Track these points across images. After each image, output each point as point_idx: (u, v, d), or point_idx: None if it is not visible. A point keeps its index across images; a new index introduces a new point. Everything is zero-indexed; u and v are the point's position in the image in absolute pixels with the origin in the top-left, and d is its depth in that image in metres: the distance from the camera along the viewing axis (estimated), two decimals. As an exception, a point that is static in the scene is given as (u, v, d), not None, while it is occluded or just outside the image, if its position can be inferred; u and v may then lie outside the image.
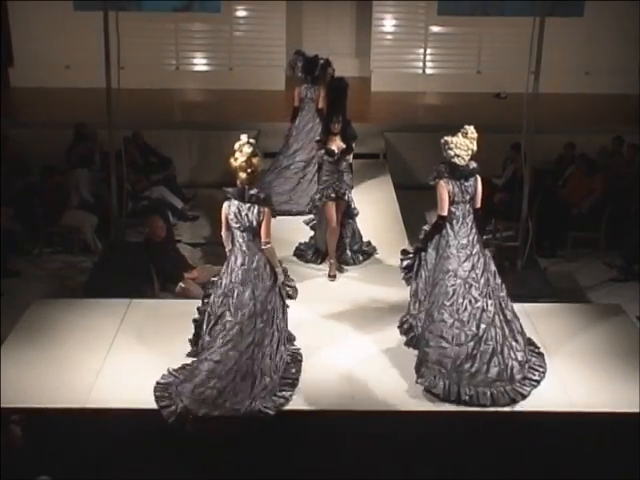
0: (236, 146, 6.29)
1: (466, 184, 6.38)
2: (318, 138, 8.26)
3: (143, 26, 13.19)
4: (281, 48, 13.77)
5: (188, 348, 6.81)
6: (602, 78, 13.55)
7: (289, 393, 6.14)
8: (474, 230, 6.41)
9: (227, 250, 6.36)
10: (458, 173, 6.37)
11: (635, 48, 13.54)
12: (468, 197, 6.38)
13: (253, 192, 6.17)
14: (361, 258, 8.46)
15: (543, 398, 6.27)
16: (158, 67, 13.89)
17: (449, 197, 6.35)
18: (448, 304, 6.26)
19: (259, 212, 6.13)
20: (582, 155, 10.72)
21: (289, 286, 6.45)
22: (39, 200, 9.62)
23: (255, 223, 6.12)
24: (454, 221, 6.39)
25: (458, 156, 6.35)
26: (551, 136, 10.84)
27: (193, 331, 6.53)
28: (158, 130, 11.57)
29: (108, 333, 7.04)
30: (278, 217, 6.49)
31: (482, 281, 6.32)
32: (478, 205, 6.47)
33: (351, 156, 8.24)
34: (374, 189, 10.40)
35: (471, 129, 6.41)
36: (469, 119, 12.03)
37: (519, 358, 6.34)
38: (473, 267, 6.32)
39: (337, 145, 8.02)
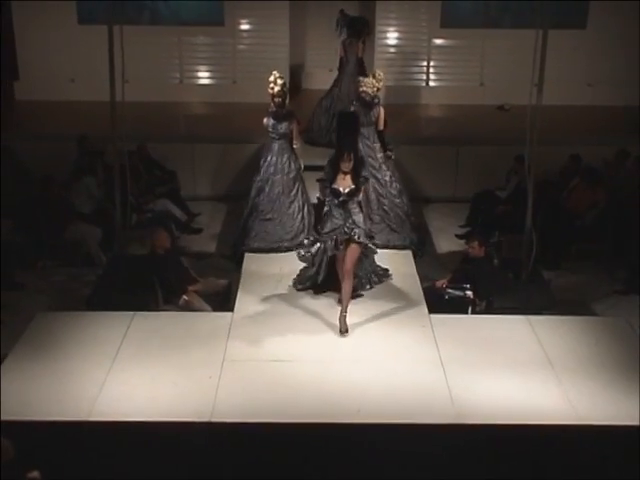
0: (271, 79, 8.93)
1: (369, 113, 9.00)
2: (320, 177, 7.58)
3: (147, 39, 13.22)
4: (284, 61, 13.78)
5: (192, 360, 6.84)
6: (605, 90, 13.53)
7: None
8: (377, 143, 9.12)
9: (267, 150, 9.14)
10: (362, 103, 8.98)
11: (638, 60, 13.53)
12: (371, 122, 9.01)
13: (284, 111, 8.97)
14: (375, 279, 8.24)
15: (547, 411, 6.25)
16: (162, 80, 13.89)
17: None
18: None
19: (289, 124, 8.97)
20: (586, 167, 10.70)
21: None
22: (43, 213, 9.63)
23: (287, 132, 8.96)
24: (360, 137, 8.62)
25: (364, 92, 8.94)
26: (554, 148, 10.81)
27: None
28: (162, 143, 11.57)
29: (112, 346, 7.04)
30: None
31: (385, 178, 9.14)
32: (380, 128, 9.11)
33: (361, 194, 7.55)
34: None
35: (379, 72, 9.17)
36: (472, 131, 12.36)
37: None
38: (378, 171, 9.09)
39: (345, 185, 7.34)
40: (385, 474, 6.08)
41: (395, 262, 8.80)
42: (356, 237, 7.35)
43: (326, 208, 7.49)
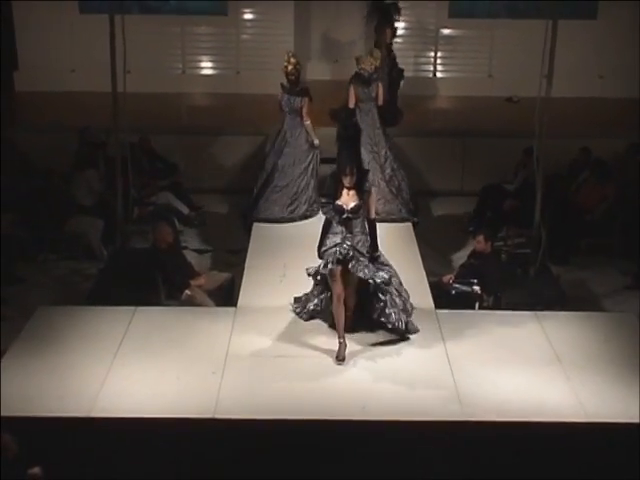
0: (285, 57, 9.60)
1: (368, 89, 9.73)
2: (323, 192, 7.21)
3: (149, 29, 13.23)
4: (289, 51, 13.80)
5: (195, 355, 6.86)
6: (616, 82, 13.51)
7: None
8: (376, 118, 9.86)
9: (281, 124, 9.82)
10: (362, 80, 9.74)
11: (650, 51, 13.51)
12: (370, 97, 9.75)
13: (299, 87, 9.63)
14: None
15: (555, 408, 6.26)
16: (164, 71, 13.91)
17: (355, 96, 9.74)
18: None
19: (301, 100, 9.58)
20: (596, 160, 10.69)
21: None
22: (44, 206, 9.66)
23: (298, 107, 9.59)
24: (360, 112, 9.72)
25: (363, 69, 9.68)
26: (564, 141, 10.80)
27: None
28: (164, 135, 11.58)
29: (113, 341, 7.06)
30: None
31: (382, 155, 9.87)
32: (380, 103, 9.87)
33: (373, 210, 6.89)
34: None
35: (377, 52, 10.09)
36: (480, 123, 12.35)
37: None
38: (377, 144, 9.82)
39: (349, 201, 6.73)
40: (391, 472, 6.09)
41: (396, 242, 8.79)
42: (350, 264, 6.75)
43: (333, 225, 6.90)
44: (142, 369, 6.68)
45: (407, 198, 10.10)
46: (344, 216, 6.76)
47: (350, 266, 6.77)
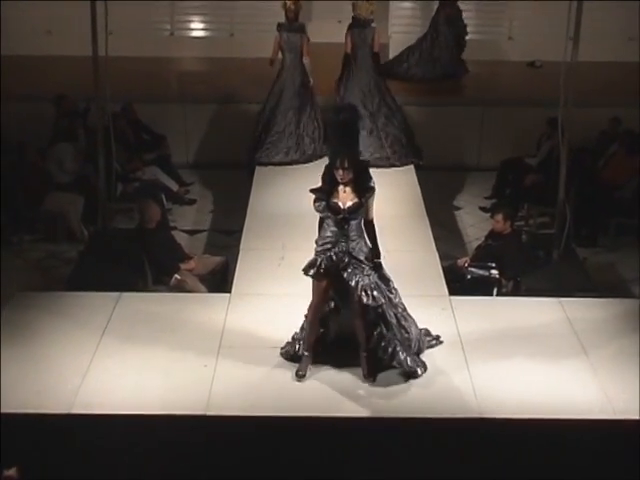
0: None
1: (363, 34, 10.56)
2: (315, 187, 6.36)
3: (134, -14, 13.20)
4: (288, 11, 13.74)
5: (185, 346, 6.86)
6: (648, 45, 13.49)
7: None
8: (371, 65, 10.67)
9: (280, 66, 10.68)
10: (358, 25, 10.60)
11: (686, 10, 13.45)
12: (366, 43, 10.57)
13: (297, 25, 10.50)
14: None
15: (581, 404, 6.27)
16: (151, 32, 13.89)
17: (352, 41, 10.62)
18: None
19: (301, 37, 10.43)
20: (626, 131, 10.68)
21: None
22: (19, 182, 9.65)
23: (298, 45, 10.41)
24: (356, 58, 10.64)
25: (359, 14, 10.55)
26: (591, 110, 10.80)
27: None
28: (151, 103, 11.58)
29: (96, 330, 7.08)
30: None
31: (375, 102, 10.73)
32: (375, 50, 10.67)
33: (373, 210, 6.36)
34: (392, 171, 10.40)
35: None
36: (500, 91, 12.30)
37: None
38: (370, 91, 10.65)
39: (345, 199, 6.25)
40: (398, 473, 6.11)
41: (406, 230, 8.78)
42: (344, 273, 6.28)
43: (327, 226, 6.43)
44: (127, 361, 6.70)
45: (404, 143, 10.71)
46: (340, 217, 6.26)
47: (345, 275, 6.29)
